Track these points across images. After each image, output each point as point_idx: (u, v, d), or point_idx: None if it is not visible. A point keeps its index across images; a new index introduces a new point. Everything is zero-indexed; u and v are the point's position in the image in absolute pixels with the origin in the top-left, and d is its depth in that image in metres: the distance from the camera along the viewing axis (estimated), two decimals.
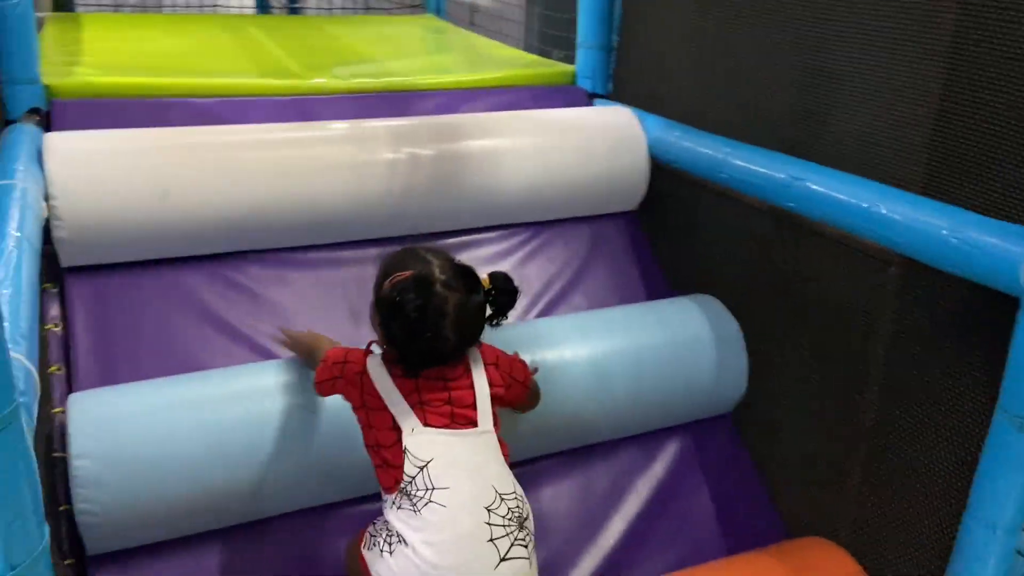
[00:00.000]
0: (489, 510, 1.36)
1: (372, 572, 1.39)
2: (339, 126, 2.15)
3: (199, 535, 1.69)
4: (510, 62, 3.00)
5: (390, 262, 1.52)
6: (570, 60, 2.86)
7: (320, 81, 2.45)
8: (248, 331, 1.97)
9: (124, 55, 2.69)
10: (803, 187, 1.88)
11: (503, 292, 1.54)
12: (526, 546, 1.39)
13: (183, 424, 1.63)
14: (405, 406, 1.42)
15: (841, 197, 1.76)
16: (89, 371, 1.81)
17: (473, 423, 1.44)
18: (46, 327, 1.85)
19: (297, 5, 6.73)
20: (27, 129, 2.00)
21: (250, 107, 2.29)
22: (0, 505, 0.79)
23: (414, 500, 1.36)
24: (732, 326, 2.15)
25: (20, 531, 0.82)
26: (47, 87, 2.13)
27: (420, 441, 1.39)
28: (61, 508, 1.58)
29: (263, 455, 1.66)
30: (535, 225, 2.39)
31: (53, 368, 1.80)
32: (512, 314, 2.10)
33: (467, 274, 1.49)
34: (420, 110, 2.44)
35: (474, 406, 1.45)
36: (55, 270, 1.91)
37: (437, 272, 1.45)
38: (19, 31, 2.01)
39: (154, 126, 2.08)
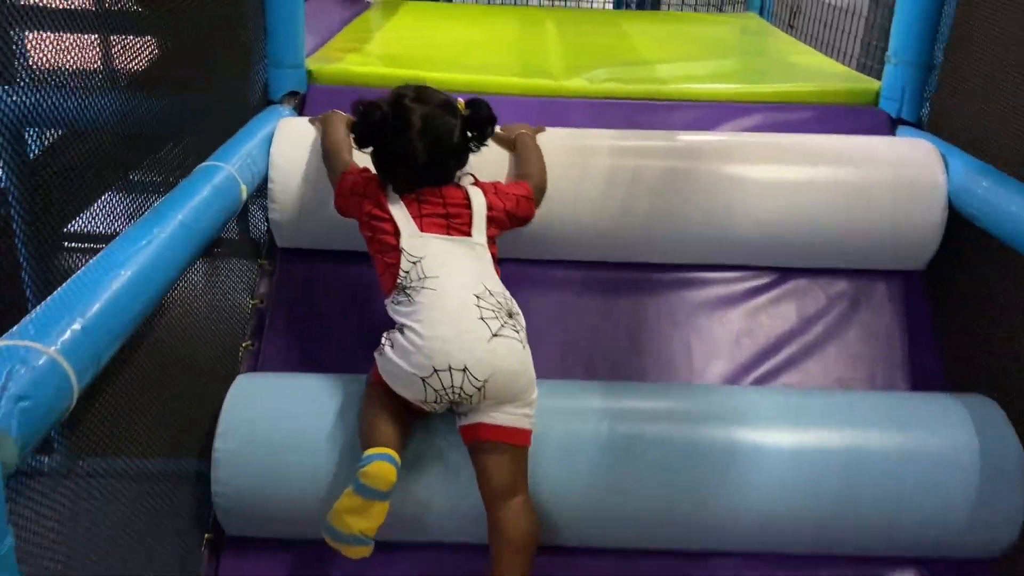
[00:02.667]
0: (478, 296, 1.47)
1: (379, 371, 1.52)
2: (559, 132, 1.97)
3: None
4: (808, 72, 2.58)
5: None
6: None
7: (571, 83, 2.29)
8: None
9: (407, 44, 2.77)
10: None
11: (478, 118, 1.63)
12: (518, 332, 1.48)
13: (326, 427, 1.59)
14: (406, 214, 1.57)
15: None
16: (275, 352, 1.87)
17: (467, 234, 1.57)
18: (252, 302, 1.95)
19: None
20: (280, 111, 2.11)
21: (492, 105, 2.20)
22: None
23: (408, 291, 1.50)
24: (1014, 448, 1.61)
25: None
26: (309, 72, 2.24)
27: (416, 243, 1.54)
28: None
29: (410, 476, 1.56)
30: (779, 271, 2.01)
31: (246, 344, 1.88)
32: (721, 371, 1.82)
33: (439, 96, 1.63)
34: (671, 123, 2.17)
35: (470, 222, 1.58)
36: (274, 249, 2.01)
37: (408, 92, 1.61)
38: (287, 18, 2.12)
39: None
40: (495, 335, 1.43)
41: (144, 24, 1.69)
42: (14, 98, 1.12)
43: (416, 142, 1.56)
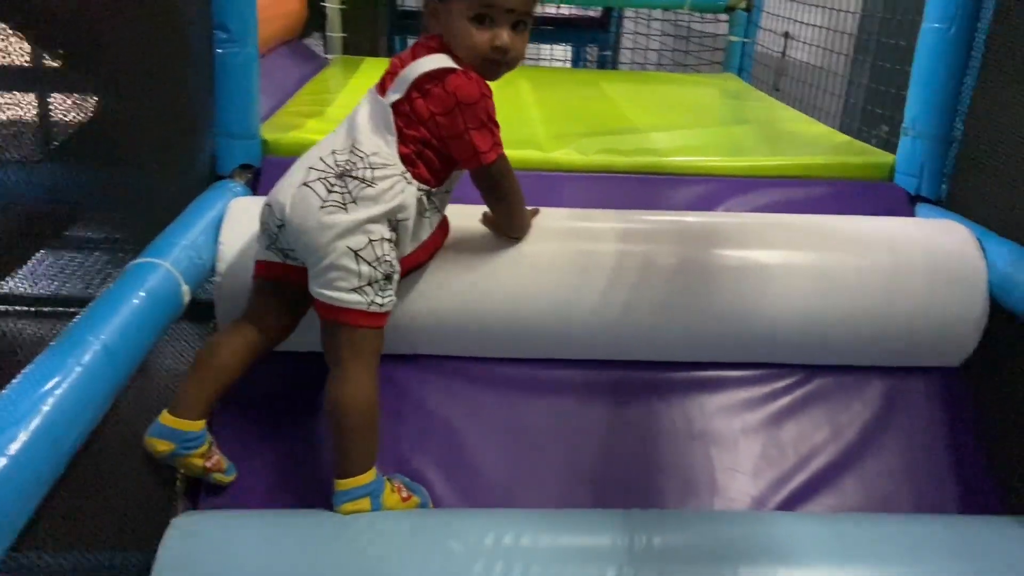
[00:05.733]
0: (334, 152, 1.44)
1: None
2: (556, 213, 1.73)
3: None
4: (812, 143, 2.40)
5: None
6: (892, 143, 2.21)
7: (559, 154, 2.06)
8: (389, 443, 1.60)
9: None
10: None
11: None
12: (330, 191, 1.40)
13: None
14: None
15: None
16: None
17: (386, 92, 1.48)
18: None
19: (607, 55, 6.52)
20: (231, 188, 1.83)
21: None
22: None
23: None
24: None
25: None
26: (265, 142, 1.97)
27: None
28: None
29: None
30: (806, 369, 1.77)
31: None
32: (749, 490, 1.59)
33: None
34: (671, 200, 1.95)
35: (392, 80, 1.48)
36: None
37: None
38: (238, 83, 1.85)
39: None
40: (304, 184, 1.41)
41: (71, 85, 1.41)
42: None
43: None
